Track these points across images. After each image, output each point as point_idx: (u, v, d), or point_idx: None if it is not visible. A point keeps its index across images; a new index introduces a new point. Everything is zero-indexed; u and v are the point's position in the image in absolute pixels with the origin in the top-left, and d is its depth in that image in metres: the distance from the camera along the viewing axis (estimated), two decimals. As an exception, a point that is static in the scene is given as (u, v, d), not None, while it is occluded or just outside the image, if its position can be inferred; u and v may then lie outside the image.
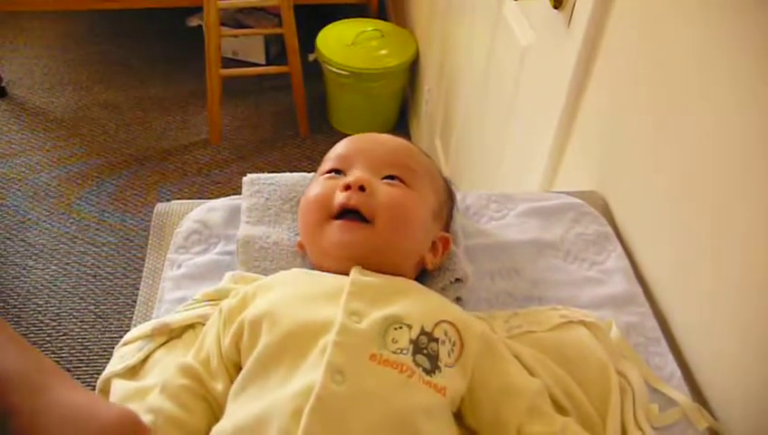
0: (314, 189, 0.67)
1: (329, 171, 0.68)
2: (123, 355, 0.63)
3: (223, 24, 2.20)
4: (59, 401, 0.43)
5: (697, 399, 0.65)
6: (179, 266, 0.73)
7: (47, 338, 1.69)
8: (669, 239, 0.74)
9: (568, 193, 0.85)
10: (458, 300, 0.69)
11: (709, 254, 0.67)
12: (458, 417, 0.57)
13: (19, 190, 2.08)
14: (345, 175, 0.66)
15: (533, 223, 0.80)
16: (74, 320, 1.73)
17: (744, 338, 0.62)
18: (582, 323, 0.65)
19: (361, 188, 0.63)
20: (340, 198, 0.64)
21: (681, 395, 0.63)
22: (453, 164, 1.78)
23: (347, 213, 0.63)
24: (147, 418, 0.52)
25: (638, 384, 0.62)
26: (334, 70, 2.17)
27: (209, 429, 0.53)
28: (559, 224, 0.80)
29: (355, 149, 0.69)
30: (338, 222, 0.63)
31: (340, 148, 0.70)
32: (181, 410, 0.53)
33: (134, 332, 0.64)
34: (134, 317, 0.71)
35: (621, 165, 0.85)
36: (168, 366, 0.59)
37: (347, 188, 0.64)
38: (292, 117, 2.35)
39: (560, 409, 0.59)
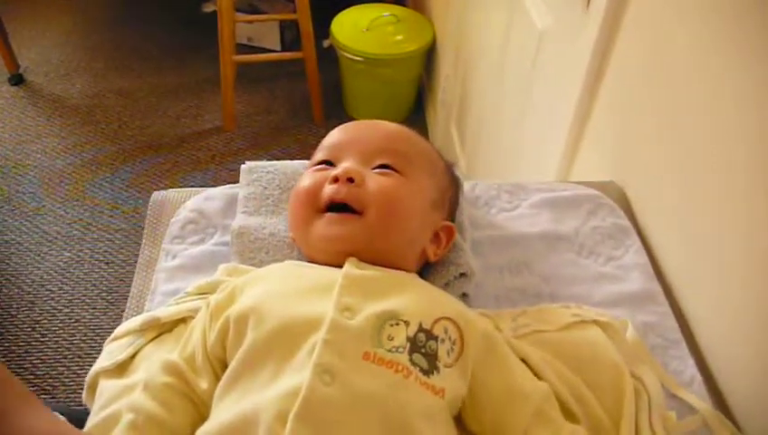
0: (303, 182, 0.64)
1: (319, 163, 0.65)
2: (112, 351, 0.60)
3: (237, 10, 2.18)
4: (23, 425, 0.43)
5: (719, 406, 0.62)
6: (174, 257, 0.70)
7: (60, 324, 1.69)
8: (692, 234, 0.70)
9: (584, 183, 0.82)
10: (464, 296, 0.66)
11: (737, 251, 0.62)
12: (459, 421, 0.54)
13: (34, 177, 2.08)
14: (335, 166, 0.63)
15: (546, 215, 0.77)
16: (87, 306, 1.74)
17: (772, 342, 0.58)
18: (596, 322, 0.62)
19: (350, 180, 0.60)
20: (328, 191, 0.61)
21: (701, 402, 0.60)
22: (469, 152, 1.74)
23: (336, 207, 0.60)
24: (128, 416, 0.50)
25: (654, 389, 0.58)
26: (349, 56, 2.13)
27: (193, 427, 0.51)
28: (573, 216, 0.76)
29: (346, 139, 0.66)
30: (326, 215, 0.60)
31: (331, 137, 0.67)
32: (162, 409, 0.51)
33: (124, 326, 0.62)
34: (126, 310, 0.69)
35: (641, 154, 0.81)
36: (155, 362, 0.56)
37: (335, 180, 0.61)
38: (306, 104, 2.32)
39: (569, 415, 0.55)
